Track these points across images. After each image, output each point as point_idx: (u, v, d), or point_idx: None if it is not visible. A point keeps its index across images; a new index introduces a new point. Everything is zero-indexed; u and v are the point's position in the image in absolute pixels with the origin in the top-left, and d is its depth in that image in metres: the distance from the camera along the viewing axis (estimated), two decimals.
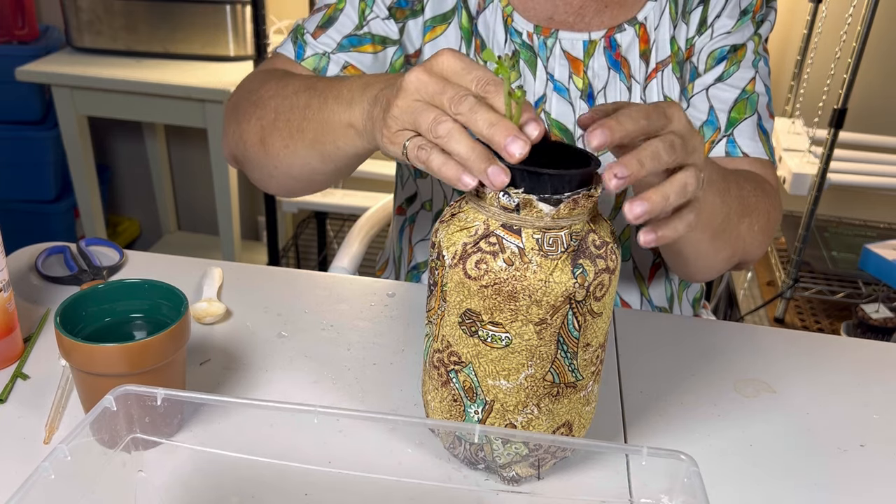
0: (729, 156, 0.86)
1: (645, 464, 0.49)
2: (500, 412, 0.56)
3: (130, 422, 0.51)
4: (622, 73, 0.86)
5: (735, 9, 0.87)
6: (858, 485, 0.65)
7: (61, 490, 0.45)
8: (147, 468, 0.54)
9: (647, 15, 0.86)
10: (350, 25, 0.86)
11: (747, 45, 0.87)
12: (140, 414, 0.51)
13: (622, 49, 0.86)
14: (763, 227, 0.80)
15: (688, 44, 0.88)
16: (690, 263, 0.78)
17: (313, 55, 0.86)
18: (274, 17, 2.18)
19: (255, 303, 0.84)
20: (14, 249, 0.91)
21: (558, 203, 0.52)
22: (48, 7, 2.30)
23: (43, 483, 0.43)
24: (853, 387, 0.77)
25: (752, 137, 0.86)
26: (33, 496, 0.42)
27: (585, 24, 0.86)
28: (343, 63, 0.86)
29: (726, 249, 0.76)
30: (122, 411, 0.50)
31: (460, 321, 0.55)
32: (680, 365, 0.79)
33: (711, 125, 0.86)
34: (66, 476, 0.45)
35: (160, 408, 0.51)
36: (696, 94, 0.88)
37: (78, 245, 0.92)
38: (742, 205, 0.74)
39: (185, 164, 2.51)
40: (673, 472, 0.48)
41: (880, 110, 1.98)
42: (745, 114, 0.86)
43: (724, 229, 0.72)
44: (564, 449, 0.60)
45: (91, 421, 0.48)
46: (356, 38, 0.86)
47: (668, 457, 0.48)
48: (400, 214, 1.01)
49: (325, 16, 0.87)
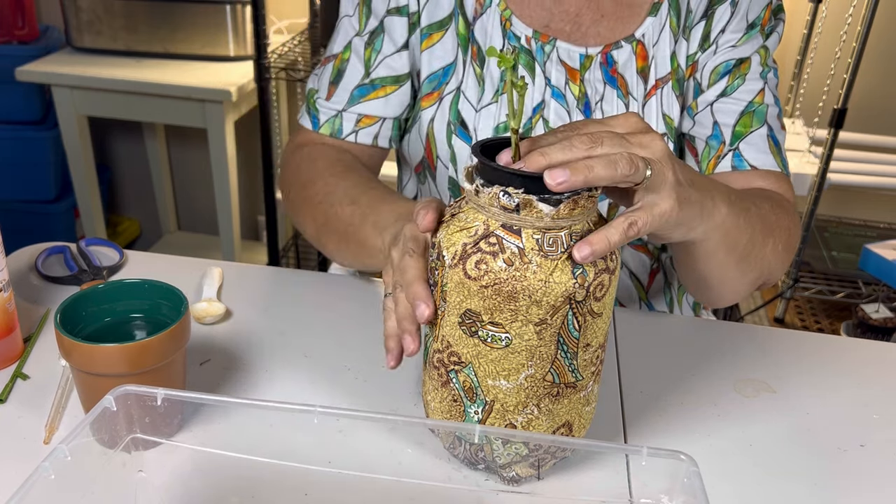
0: (736, 169, 0.83)
1: (645, 464, 0.49)
2: (500, 412, 0.56)
3: (130, 422, 0.51)
4: (619, 90, 0.85)
5: (742, 22, 0.84)
6: (858, 485, 0.65)
7: (61, 490, 0.45)
8: (147, 468, 0.54)
9: (645, 31, 0.84)
10: (357, 76, 0.88)
11: (752, 58, 0.84)
12: (140, 414, 0.51)
13: (618, 66, 0.84)
14: (786, 246, 0.77)
15: (689, 60, 0.85)
16: (715, 288, 0.76)
17: (327, 121, 0.89)
18: (274, 17, 2.18)
19: (255, 303, 0.84)
20: (14, 249, 0.91)
21: (558, 203, 0.52)
22: (48, 7, 2.30)
23: (43, 483, 0.43)
24: (853, 387, 0.77)
25: (762, 150, 0.83)
26: (33, 496, 0.42)
27: (582, 34, 0.85)
28: (356, 117, 0.89)
29: (753, 272, 0.74)
30: (122, 411, 0.50)
31: (460, 321, 0.55)
32: (680, 365, 0.78)
33: (716, 139, 0.84)
34: (66, 476, 0.45)
35: (160, 408, 0.50)
36: (701, 111, 0.85)
37: (78, 245, 0.92)
38: (764, 224, 0.71)
39: (185, 164, 2.51)
40: (673, 472, 0.48)
41: (880, 110, 1.98)
42: (753, 126, 0.83)
43: (749, 251, 0.70)
44: (564, 449, 0.60)
45: (91, 421, 0.48)
46: (365, 88, 0.88)
47: (668, 457, 0.48)
48: None
49: (335, 69, 0.90)
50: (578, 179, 0.50)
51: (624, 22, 0.85)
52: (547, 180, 0.50)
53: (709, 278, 0.73)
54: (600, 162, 0.51)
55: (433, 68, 0.87)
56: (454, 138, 0.87)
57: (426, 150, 0.90)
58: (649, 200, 0.55)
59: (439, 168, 0.90)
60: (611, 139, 0.53)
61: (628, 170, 0.52)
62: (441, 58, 0.87)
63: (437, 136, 0.88)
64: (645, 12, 0.85)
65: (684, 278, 0.80)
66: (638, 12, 0.85)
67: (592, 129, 0.55)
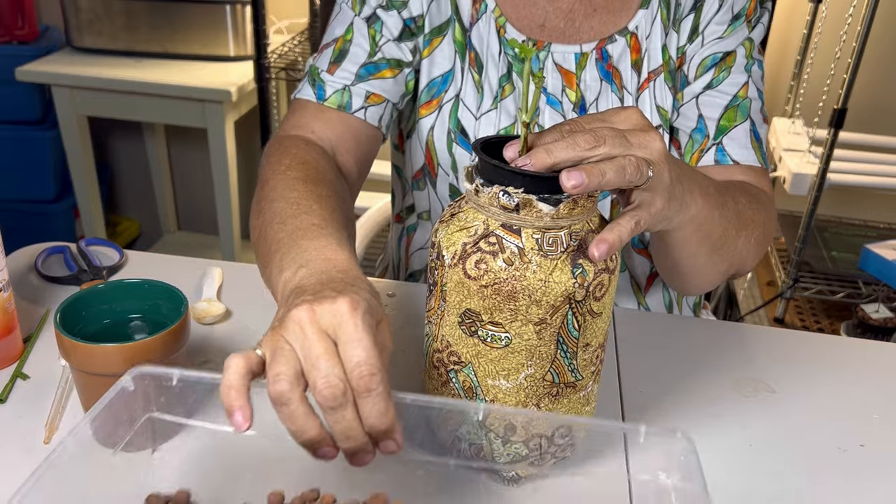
0: (719, 164, 0.84)
1: (643, 441, 0.50)
2: (500, 412, 0.56)
3: (147, 401, 0.52)
4: (614, 83, 0.85)
5: (727, 13, 0.85)
6: (858, 485, 0.65)
7: (79, 467, 0.46)
8: (163, 447, 0.56)
9: (637, 24, 0.85)
10: (363, 55, 0.85)
11: (738, 50, 0.85)
12: (156, 394, 0.52)
13: (613, 60, 0.85)
14: (759, 239, 0.78)
15: (679, 52, 0.86)
16: (686, 277, 0.77)
17: (334, 92, 0.84)
18: (274, 17, 2.18)
19: (255, 303, 0.84)
20: (14, 249, 0.91)
21: (558, 203, 0.52)
22: (48, 7, 2.30)
23: (63, 460, 0.45)
24: (853, 387, 0.77)
25: (744, 145, 0.84)
26: (54, 474, 0.44)
27: (576, 29, 0.85)
28: (365, 93, 0.84)
29: (723, 263, 0.75)
30: (140, 391, 0.51)
31: (460, 321, 0.55)
32: (680, 365, 0.78)
33: (700, 132, 0.85)
34: (85, 453, 0.47)
35: (175, 388, 0.51)
36: (686, 102, 0.86)
37: (78, 245, 0.92)
38: (739, 218, 0.73)
39: (185, 164, 2.51)
40: (670, 451, 0.50)
41: (880, 110, 1.98)
42: (737, 121, 0.84)
43: (722, 244, 0.71)
44: (564, 448, 0.60)
45: (109, 400, 0.49)
46: (373, 66, 0.85)
47: (665, 435, 0.50)
48: (398, 222, 1.01)
49: (336, 50, 0.85)
50: (593, 183, 0.51)
51: (616, 14, 0.86)
52: (563, 181, 0.51)
53: (680, 266, 0.74)
54: (612, 168, 0.52)
55: (432, 75, 0.87)
56: (455, 146, 0.87)
57: (426, 158, 0.90)
58: (646, 199, 0.57)
59: (440, 175, 0.90)
60: (612, 138, 0.54)
61: (636, 176, 0.53)
62: (440, 65, 0.87)
63: (438, 145, 0.88)
64: (636, 5, 0.86)
65: (659, 264, 0.81)
66: (629, 5, 0.86)
67: (594, 125, 0.56)
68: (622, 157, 0.53)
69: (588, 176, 0.51)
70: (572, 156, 0.52)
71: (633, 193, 0.57)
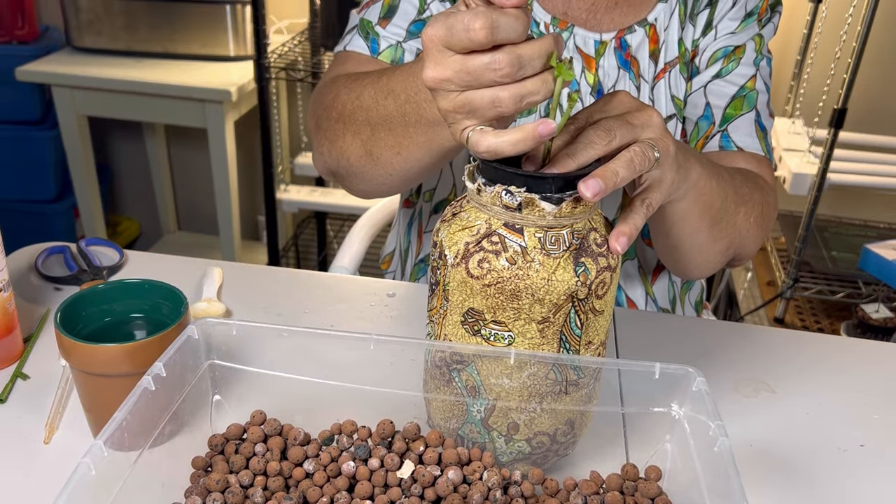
0: (723, 149, 0.86)
1: (658, 377, 0.57)
2: (503, 410, 0.56)
3: (209, 349, 0.59)
4: (632, 72, 0.87)
5: (740, 10, 0.88)
6: (858, 485, 0.65)
7: (153, 403, 0.53)
8: (222, 391, 0.61)
9: (657, 16, 0.87)
10: (413, 12, 0.85)
11: (748, 44, 0.88)
12: (218, 343, 0.59)
13: (632, 49, 0.87)
14: (758, 219, 0.79)
15: (693, 45, 0.88)
16: (688, 256, 0.77)
17: (388, 47, 0.84)
18: (274, 17, 2.18)
19: (255, 303, 0.84)
20: (14, 249, 0.91)
21: (560, 202, 0.52)
22: (48, 7, 2.30)
23: (141, 394, 0.51)
24: (853, 387, 0.77)
25: (749, 134, 0.86)
26: (132, 403, 0.50)
27: (597, 21, 0.87)
28: (416, 51, 0.84)
29: (723, 240, 0.75)
30: (203, 340, 0.58)
31: (463, 320, 0.55)
32: (680, 365, 0.78)
33: (707, 120, 0.87)
34: (157, 392, 0.53)
35: (235, 337, 0.59)
36: (694, 91, 0.88)
37: (78, 245, 0.92)
38: (736, 192, 0.74)
39: (185, 164, 2.51)
40: (682, 385, 0.57)
41: (880, 110, 1.98)
42: (742, 110, 0.86)
43: (721, 217, 0.72)
44: (567, 447, 0.60)
45: (178, 346, 0.56)
46: (422, 24, 0.85)
47: (677, 371, 0.57)
48: (408, 207, 1.01)
49: (385, 5, 0.85)
50: (609, 186, 0.52)
51: (636, 8, 0.87)
52: (583, 192, 0.51)
53: (682, 245, 0.74)
54: (622, 166, 0.53)
55: None
56: None
57: None
58: (656, 176, 0.58)
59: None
60: (620, 127, 0.56)
61: (644, 164, 0.55)
62: None
63: None
64: None
65: (659, 248, 0.81)
66: None
67: (596, 117, 0.57)
68: (628, 151, 0.54)
69: (604, 181, 0.52)
70: (592, 154, 0.54)
71: (643, 174, 0.58)
